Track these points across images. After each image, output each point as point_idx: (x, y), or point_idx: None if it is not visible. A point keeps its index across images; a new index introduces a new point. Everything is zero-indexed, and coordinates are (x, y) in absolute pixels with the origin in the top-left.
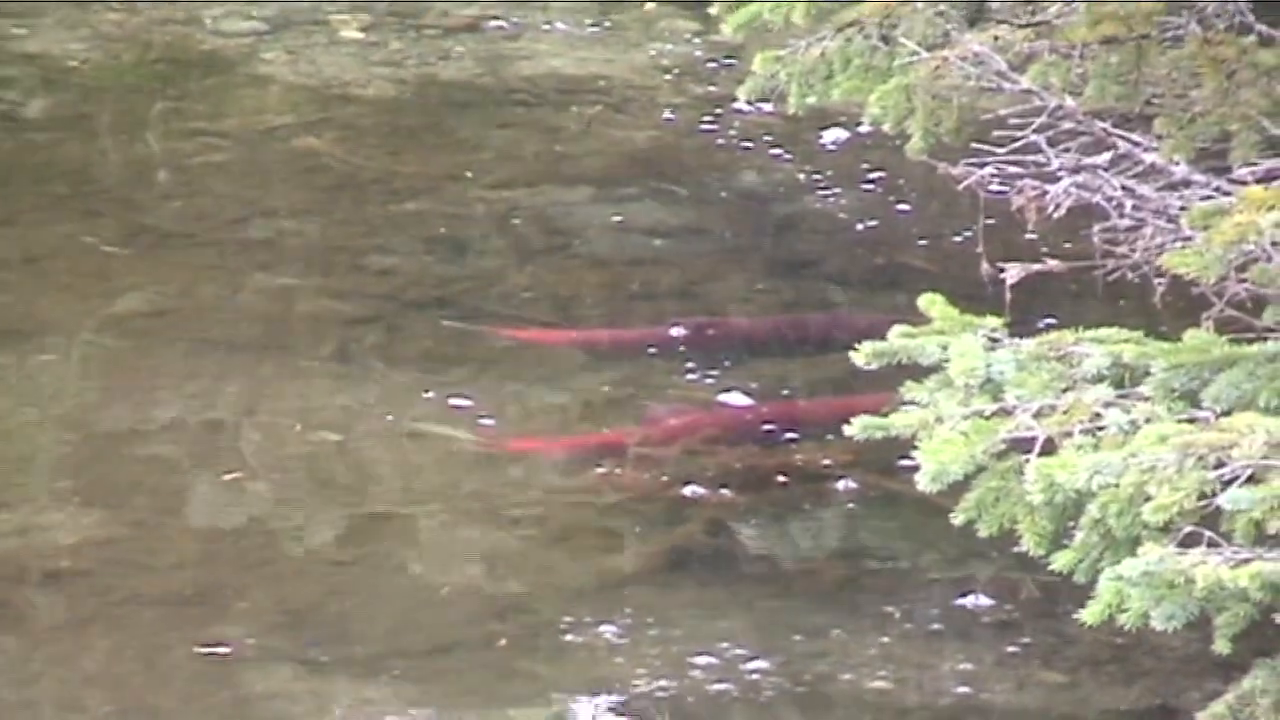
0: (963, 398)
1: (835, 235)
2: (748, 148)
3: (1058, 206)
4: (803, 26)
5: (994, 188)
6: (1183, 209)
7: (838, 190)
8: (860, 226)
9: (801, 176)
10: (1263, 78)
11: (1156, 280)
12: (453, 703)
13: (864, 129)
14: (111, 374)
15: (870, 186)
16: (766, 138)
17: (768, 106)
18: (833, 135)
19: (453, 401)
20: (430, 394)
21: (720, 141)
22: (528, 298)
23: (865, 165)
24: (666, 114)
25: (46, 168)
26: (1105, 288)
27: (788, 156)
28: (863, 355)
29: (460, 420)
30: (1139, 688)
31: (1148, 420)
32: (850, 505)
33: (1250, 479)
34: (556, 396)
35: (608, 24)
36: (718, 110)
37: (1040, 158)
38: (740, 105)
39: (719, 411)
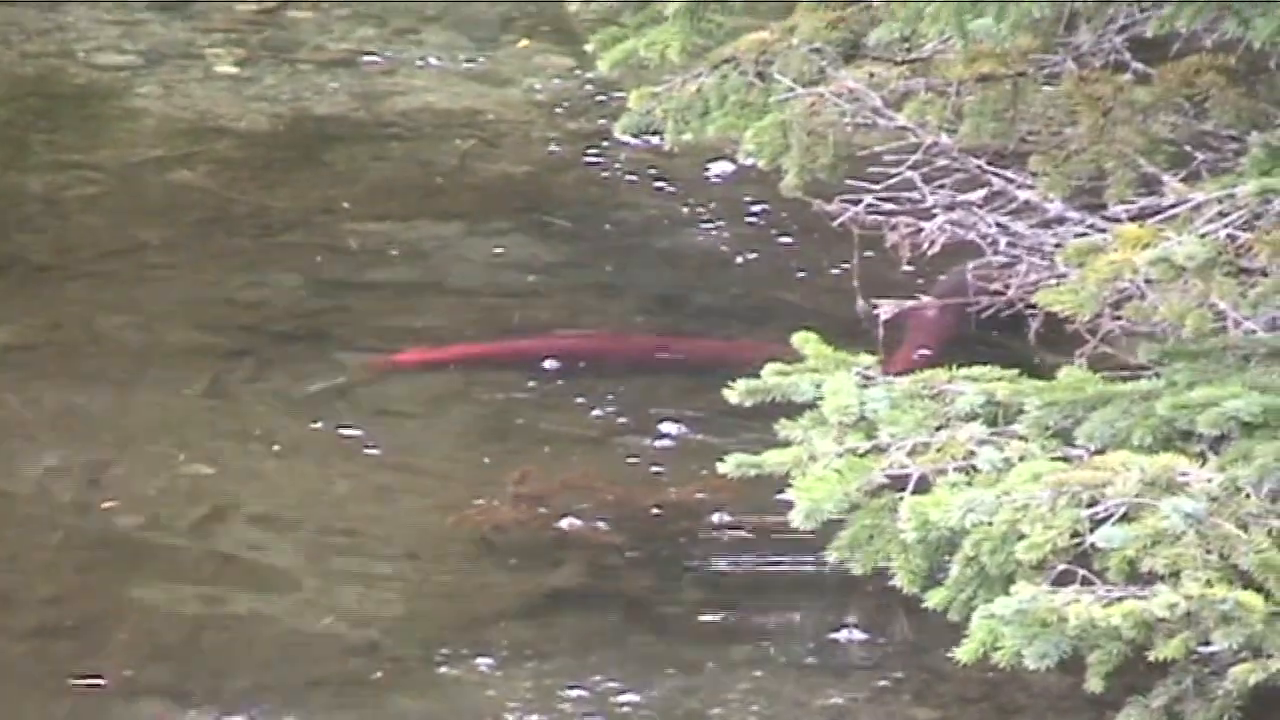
0: (837, 435)
1: (715, 269)
2: (632, 181)
3: (932, 243)
4: (678, 63)
5: (871, 221)
6: (1057, 246)
7: (720, 223)
8: (740, 260)
9: (685, 210)
10: (1138, 115)
11: (1030, 315)
12: None
13: (751, 162)
14: None
15: (753, 220)
16: (651, 171)
17: (655, 140)
18: (719, 168)
19: (342, 431)
20: (319, 424)
21: (604, 175)
22: (403, 331)
23: (748, 198)
24: (552, 147)
25: None
26: (979, 324)
27: (671, 190)
28: (737, 392)
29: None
30: None
31: (1021, 458)
32: (724, 540)
33: (1124, 517)
34: (441, 424)
35: (483, 60)
36: (604, 143)
37: (916, 194)
38: (626, 139)
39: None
